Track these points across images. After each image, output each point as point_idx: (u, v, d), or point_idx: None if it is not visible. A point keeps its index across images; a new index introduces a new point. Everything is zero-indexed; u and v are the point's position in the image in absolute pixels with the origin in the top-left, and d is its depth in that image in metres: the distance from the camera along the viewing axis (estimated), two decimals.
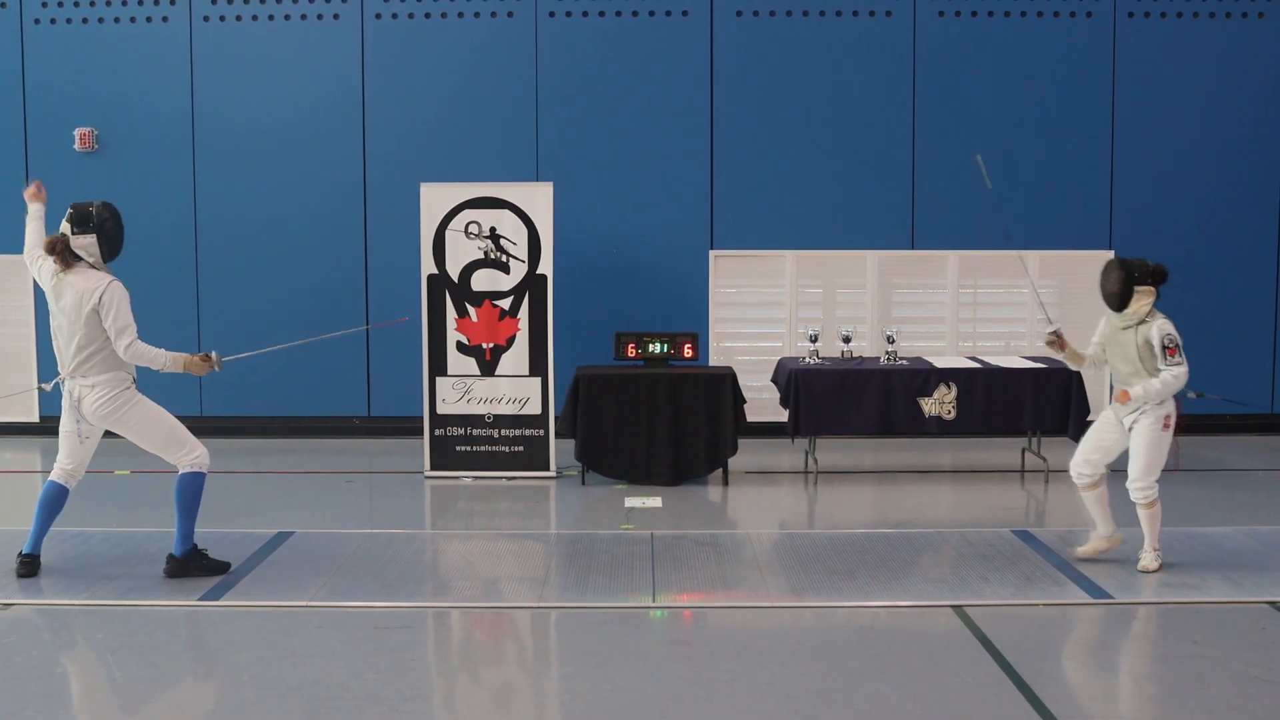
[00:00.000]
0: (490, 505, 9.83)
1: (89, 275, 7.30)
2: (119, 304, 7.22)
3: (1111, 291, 7.56)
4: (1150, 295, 7.57)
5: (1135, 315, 7.56)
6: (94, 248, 7.35)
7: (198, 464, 7.51)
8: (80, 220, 7.36)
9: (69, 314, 7.29)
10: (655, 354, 10.60)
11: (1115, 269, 7.56)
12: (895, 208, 12.62)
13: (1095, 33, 12.49)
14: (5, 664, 5.97)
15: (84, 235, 7.34)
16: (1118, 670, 5.91)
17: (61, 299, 7.33)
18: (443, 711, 5.65)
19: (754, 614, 6.93)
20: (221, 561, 7.64)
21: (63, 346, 7.37)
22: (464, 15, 12.55)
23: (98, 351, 7.27)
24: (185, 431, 7.55)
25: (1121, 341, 7.62)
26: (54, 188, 12.65)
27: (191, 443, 7.54)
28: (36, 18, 12.66)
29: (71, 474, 7.59)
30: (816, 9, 12.49)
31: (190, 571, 7.50)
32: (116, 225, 7.46)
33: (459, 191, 10.64)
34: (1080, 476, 7.80)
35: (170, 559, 7.53)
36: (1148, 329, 7.53)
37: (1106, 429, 7.77)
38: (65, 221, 7.40)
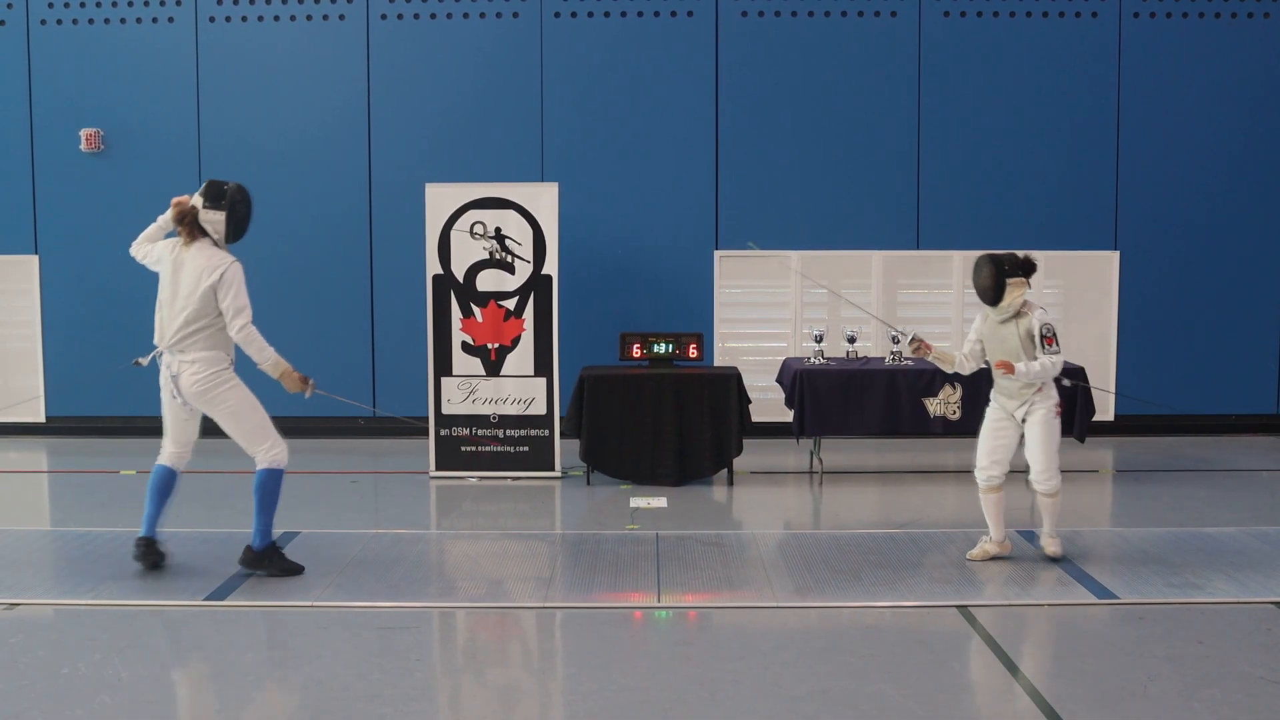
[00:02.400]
0: (495, 506, 9.83)
1: (211, 252, 7.36)
2: (238, 284, 7.29)
3: (985, 286, 7.67)
4: (1022, 286, 7.66)
5: (1011, 308, 7.64)
6: (221, 225, 7.41)
7: (277, 461, 7.54)
8: (213, 196, 7.43)
9: (183, 288, 7.33)
10: (660, 354, 10.60)
11: (986, 264, 7.69)
12: (900, 208, 12.62)
13: (1100, 33, 12.48)
14: (11, 664, 5.98)
15: (214, 211, 7.41)
16: (1123, 670, 5.90)
17: (179, 273, 7.38)
18: (447, 712, 5.65)
19: (759, 614, 6.92)
20: (297, 564, 7.63)
21: (167, 320, 7.40)
22: (469, 16, 12.56)
23: (204, 329, 7.32)
24: (271, 428, 7.59)
25: (1002, 335, 7.70)
26: (60, 188, 12.82)
27: (275, 438, 7.57)
28: (43, 19, 12.68)
29: (178, 456, 7.66)
30: (821, 9, 12.49)
31: (264, 566, 7.52)
32: (246, 209, 7.52)
33: (464, 192, 10.65)
34: (991, 479, 7.85)
35: (247, 550, 7.56)
36: (1027, 321, 7.62)
37: (1000, 426, 7.84)
38: (198, 195, 7.47)
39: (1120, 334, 12.68)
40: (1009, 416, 7.78)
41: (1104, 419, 12.22)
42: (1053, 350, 7.56)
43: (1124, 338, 12.69)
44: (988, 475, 7.84)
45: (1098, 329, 12.72)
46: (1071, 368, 10.50)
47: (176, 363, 7.38)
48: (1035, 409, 7.67)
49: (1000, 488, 7.86)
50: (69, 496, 10.51)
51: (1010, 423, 7.79)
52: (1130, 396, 11.87)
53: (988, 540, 7.95)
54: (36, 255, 12.85)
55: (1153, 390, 12.66)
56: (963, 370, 8.06)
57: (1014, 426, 7.79)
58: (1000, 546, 7.92)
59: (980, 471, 7.88)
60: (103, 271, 12.70)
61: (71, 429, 12.98)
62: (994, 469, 7.83)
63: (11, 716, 5.34)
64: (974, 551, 7.92)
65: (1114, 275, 12.65)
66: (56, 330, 12.92)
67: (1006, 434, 7.82)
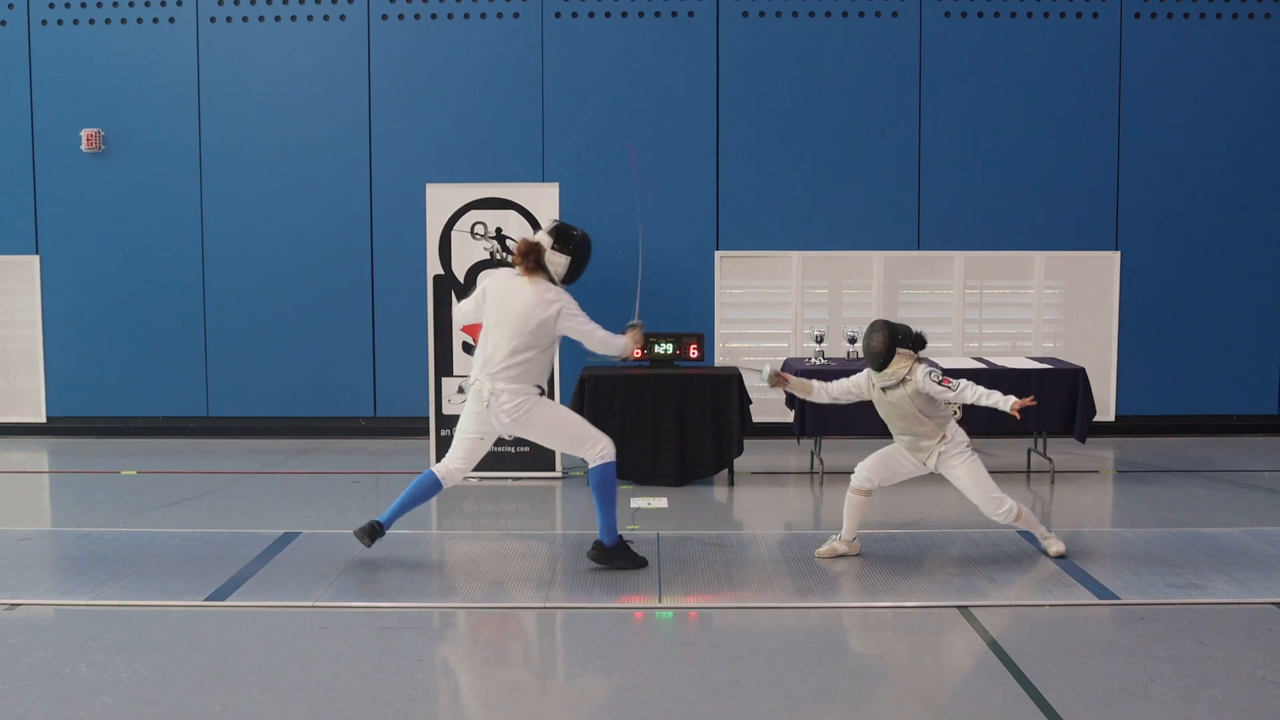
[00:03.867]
0: (496, 506, 9.83)
1: (545, 288, 7.56)
2: (577, 313, 7.57)
3: (876, 351, 7.72)
4: (909, 359, 7.72)
5: (895, 375, 7.70)
6: (563, 268, 7.63)
7: (605, 455, 7.67)
8: (563, 239, 7.62)
9: (513, 320, 7.50)
10: (661, 355, 10.60)
11: (880, 330, 7.73)
12: (901, 208, 12.63)
13: (1101, 33, 12.49)
14: (12, 664, 5.98)
15: (560, 254, 7.61)
16: (1124, 671, 5.90)
17: (509, 305, 7.54)
18: (449, 712, 5.65)
19: (760, 614, 6.92)
20: (642, 557, 7.78)
21: (495, 349, 7.55)
22: (470, 16, 12.57)
23: (530, 361, 7.51)
24: (589, 427, 7.77)
25: (892, 400, 7.76)
26: (61, 188, 12.83)
27: (596, 437, 7.70)
28: (44, 19, 12.69)
29: (454, 473, 7.84)
30: (823, 10, 12.50)
31: (615, 561, 7.66)
32: (587, 256, 7.75)
33: (465, 192, 10.65)
34: (866, 481, 7.95)
35: (597, 545, 7.70)
36: (913, 383, 7.67)
37: (901, 459, 7.94)
38: (545, 234, 7.64)
39: (1121, 334, 12.69)
40: (918, 463, 7.90)
41: (1105, 419, 12.24)
42: (954, 384, 7.63)
43: (1124, 338, 12.70)
44: (865, 477, 7.97)
45: (1098, 329, 12.73)
46: (1070, 368, 10.51)
47: (492, 388, 7.54)
48: (948, 458, 7.79)
49: (869, 494, 7.98)
50: (70, 497, 10.51)
51: (913, 464, 7.91)
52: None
53: (837, 538, 8.03)
54: (37, 255, 12.86)
55: (1154, 390, 12.69)
56: (818, 400, 8.10)
57: (916, 467, 7.92)
58: (850, 546, 8.02)
59: (860, 469, 7.98)
60: (103, 272, 12.73)
61: (72, 429, 12.98)
62: (874, 476, 7.96)
63: (13, 717, 5.34)
64: (823, 549, 8.00)
65: (1115, 276, 12.65)
66: (57, 330, 12.93)
67: (900, 466, 7.97)
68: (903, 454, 7.94)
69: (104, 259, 12.76)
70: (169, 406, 12.93)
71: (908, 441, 7.86)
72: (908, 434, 7.81)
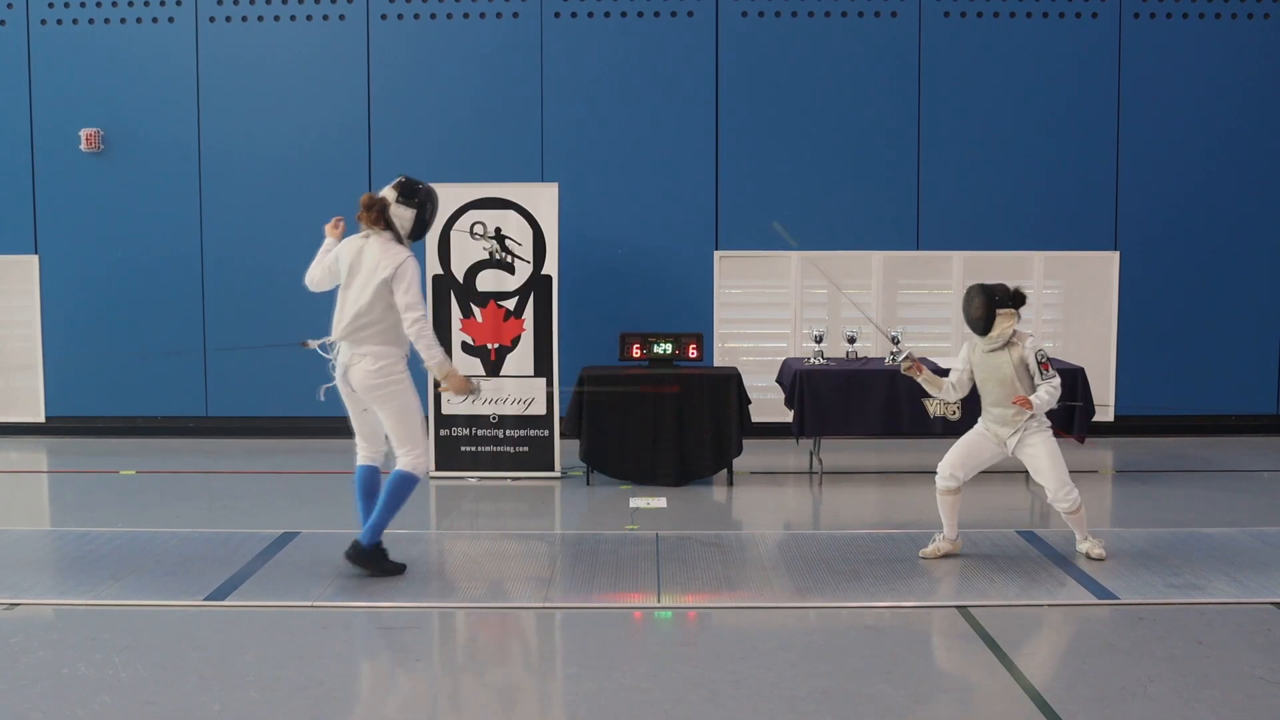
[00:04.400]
0: (495, 506, 9.83)
1: (389, 247, 7.42)
2: (412, 278, 7.32)
3: (976, 317, 7.72)
4: (1012, 318, 7.72)
5: (1001, 338, 7.71)
6: (409, 223, 7.50)
7: (417, 467, 7.55)
8: (407, 193, 7.51)
9: (359, 281, 7.39)
10: (660, 355, 10.60)
11: (978, 294, 7.72)
12: (901, 208, 12.63)
13: (1100, 33, 12.49)
14: (11, 664, 5.98)
15: (405, 207, 7.48)
16: (1123, 671, 5.90)
17: (355, 266, 7.44)
18: (447, 712, 5.65)
19: (759, 615, 6.92)
20: (398, 564, 7.66)
21: (342, 312, 7.46)
22: (469, 16, 12.56)
23: (376, 323, 7.35)
24: (424, 434, 7.67)
25: (994, 364, 7.76)
26: (60, 188, 12.83)
27: (422, 444, 7.60)
28: (43, 18, 12.68)
29: (375, 453, 7.72)
30: (822, 10, 12.50)
31: (369, 564, 7.53)
32: (433, 210, 7.64)
33: (464, 192, 10.65)
34: (951, 479, 7.93)
35: (355, 545, 7.56)
36: (1020, 349, 7.71)
37: (983, 444, 7.93)
38: (391, 188, 7.54)
39: (1120, 335, 12.69)
40: (998, 442, 7.87)
41: (1104, 420, 12.23)
42: (1051, 375, 7.68)
43: (1124, 338, 12.70)
44: (949, 475, 7.93)
45: (1097, 329, 12.72)
46: (1070, 368, 10.52)
47: (349, 355, 7.42)
48: (1030, 436, 7.77)
49: (956, 492, 7.96)
50: (69, 496, 10.51)
51: (997, 446, 7.88)
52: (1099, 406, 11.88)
53: (941, 538, 8.04)
54: (36, 255, 12.85)
55: (1153, 391, 12.69)
56: (948, 398, 8.11)
57: (997, 449, 7.88)
58: (953, 544, 8.02)
59: (944, 468, 7.95)
60: (103, 271, 12.72)
61: (71, 429, 12.98)
62: (958, 471, 7.93)
63: (12, 716, 5.34)
64: (928, 549, 8.00)
65: (1114, 276, 12.65)
66: (56, 330, 12.92)
67: (986, 452, 7.93)
68: (985, 436, 7.89)
69: (103, 259, 12.75)
70: (168, 406, 12.92)
71: (997, 414, 7.80)
72: (1000, 405, 7.75)
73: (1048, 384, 7.65)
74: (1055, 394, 7.67)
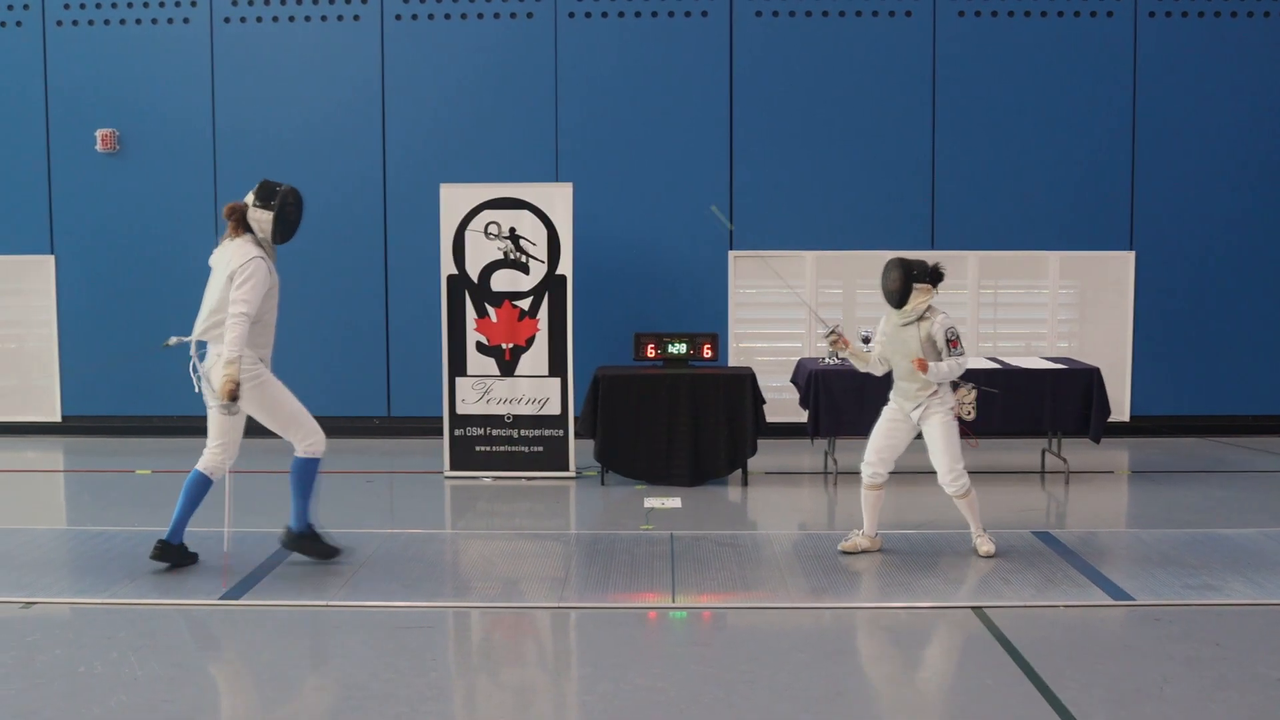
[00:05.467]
0: (510, 506, 9.84)
1: (243, 247, 7.41)
2: (251, 276, 7.29)
3: (891, 289, 7.87)
4: (928, 293, 7.86)
5: (914, 312, 7.84)
6: (268, 225, 7.48)
7: (313, 450, 7.66)
8: (265, 195, 7.50)
9: (216, 278, 7.41)
10: (675, 355, 10.60)
11: (895, 268, 7.87)
12: (915, 208, 12.60)
13: (1116, 32, 12.45)
14: (28, 662, 6.00)
15: (263, 210, 7.47)
16: (1139, 672, 5.88)
17: (217, 265, 7.47)
18: (462, 712, 5.66)
19: (774, 615, 6.92)
20: (333, 546, 7.78)
21: (201, 310, 7.47)
22: (484, 16, 12.57)
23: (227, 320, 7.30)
24: (308, 416, 7.66)
25: (903, 338, 7.87)
26: (76, 188, 12.87)
27: (312, 428, 7.65)
28: (59, 20, 12.72)
29: (219, 463, 7.58)
30: (836, 9, 12.48)
31: (303, 548, 7.70)
32: (298, 211, 7.62)
33: (478, 192, 10.66)
34: (874, 476, 8.04)
35: (287, 531, 7.73)
36: (929, 325, 7.82)
37: (894, 426, 8.02)
38: (251, 193, 7.53)
39: (1136, 335, 12.65)
40: (905, 417, 7.96)
41: (1119, 419, 12.20)
42: (958, 352, 7.78)
43: (1139, 338, 12.65)
44: (873, 472, 8.03)
45: (1113, 329, 12.69)
46: (1085, 368, 10.49)
47: (209, 355, 7.42)
48: (931, 412, 7.86)
49: (882, 486, 8.07)
50: (85, 495, 10.54)
51: (905, 423, 7.97)
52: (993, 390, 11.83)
53: (859, 533, 8.12)
54: (53, 255, 12.90)
55: (1169, 391, 12.65)
56: (875, 371, 8.24)
57: (908, 427, 7.98)
58: (872, 541, 8.10)
59: (866, 468, 8.05)
60: (118, 271, 12.77)
61: (87, 428, 13.02)
62: (880, 466, 8.03)
63: (28, 714, 5.35)
64: (846, 544, 8.10)
65: (1130, 275, 12.61)
66: (72, 330, 12.97)
67: (899, 433, 8.02)
68: (895, 413, 8.00)
69: (119, 259, 12.78)
70: (183, 406, 12.82)
71: (903, 388, 7.93)
72: (905, 379, 7.88)
73: (953, 359, 7.74)
74: (958, 369, 7.75)
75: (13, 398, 13.21)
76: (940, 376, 7.74)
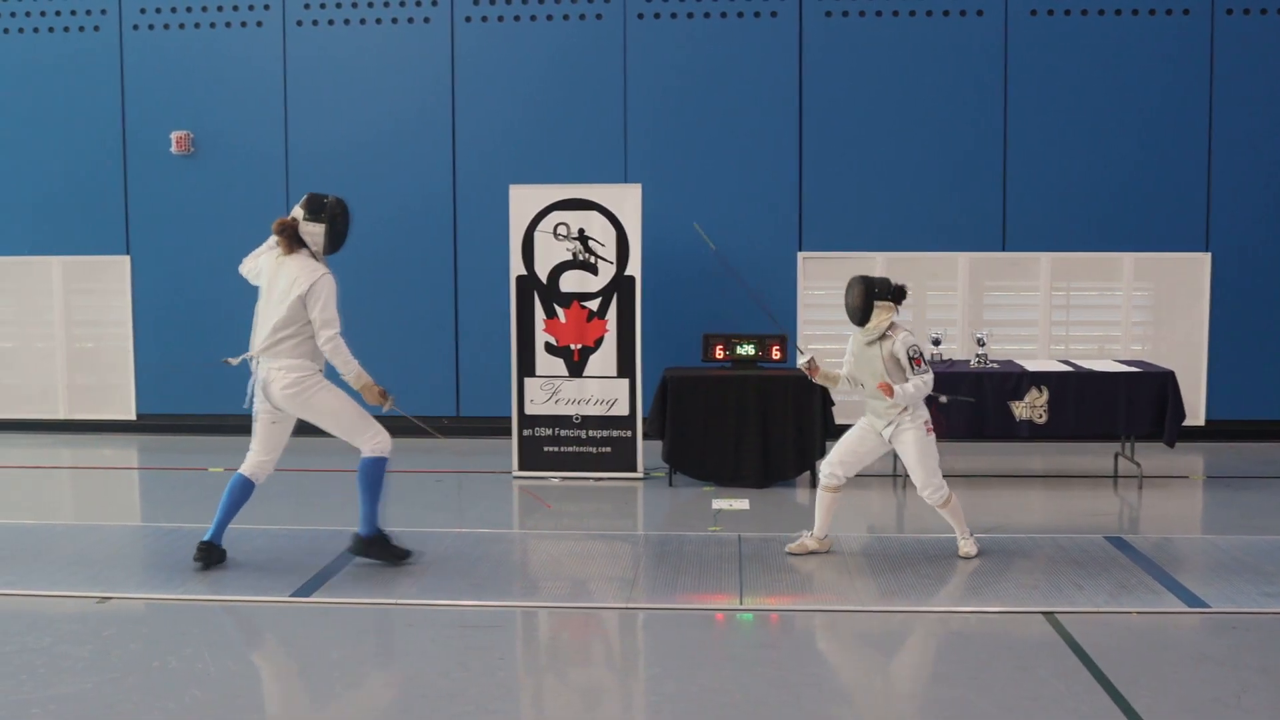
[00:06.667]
0: (578, 506, 9.86)
1: (305, 263, 7.49)
2: (328, 296, 7.41)
3: (854, 306, 7.85)
4: (890, 310, 7.83)
5: (877, 330, 7.82)
6: (320, 237, 7.58)
7: (379, 449, 7.67)
8: (314, 209, 7.60)
9: (275, 295, 7.48)
10: (743, 355, 10.58)
11: (858, 284, 7.85)
12: (987, 209, 12.49)
13: (1192, 30, 12.26)
14: (104, 656, 6.09)
15: (314, 224, 7.57)
16: (1214, 681, 5.79)
17: (275, 281, 7.52)
18: (530, 711, 5.67)
19: (842, 618, 6.88)
20: (403, 549, 7.80)
21: (260, 326, 7.56)
22: (553, 17, 12.61)
23: (293, 337, 7.44)
24: (370, 418, 7.71)
25: (868, 357, 7.88)
26: (152, 190, 13.06)
27: (374, 428, 7.69)
28: (135, 24, 12.92)
29: (261, 465, 7.72)
30: (906, 9, 12.39)
31: (372, 553, 7.71)
32: (345, 222, 7.69)
33: (548, 193, 10.69)
34: (831, 478, 8.04)
35: (355, 537, 7.75)
36: (891, 343, 7.79)
37: (863, 437, 8.02)
38: (299, 207, 7.63)
39: (1212, 337, 12.45)
40: (875, 433, 7.96)
41: (1195, 424, 12.03)
42: (921, 370, 7.73)
43: (1215, 341, 12.45)
44: (830, 474, 8.04)
45: (1188, 333, 12.50)
46: (1160, 371, 10.34)
47: (267, 370, 7.50)
48: (903, 430, 7.85)
49: (839, 490, 8.07)
50: (159, 493, 10.69)
51: (876, 439, 7.97)
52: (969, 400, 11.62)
53: (808, 535, 8.11)
54: (129, 256, 13.10)
55: (1246, 394, 12.44)
56: (845, 389, 8.26)
57: (879, 443, 7.98)
58: (820, 544, 8.09)
59: (825, 467, 8.07)
60: (192, 272, 12.93)
61: (162, 426, 13.20)
62: (840, 470, 8.04)
63: (105, 708, 5.43)
64: (794, 545, 8.10)
65: (1205, 277, 12.42)
66: (147, 329, 13.16)
67: (867, 445, 8.03)
68: (865, 430, 8.00)
69: (192, 260, 12.94)
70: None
71: (873, 406, 7.93)
72: (875, 397, 7.87)
73: (918, 377, 7.70)
74: (924, 389, 7.71)
75: (89, 396, 13.43)
76: (906, 399, 7.72)
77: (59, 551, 8.10)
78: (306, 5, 12.78)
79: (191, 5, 12.87)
